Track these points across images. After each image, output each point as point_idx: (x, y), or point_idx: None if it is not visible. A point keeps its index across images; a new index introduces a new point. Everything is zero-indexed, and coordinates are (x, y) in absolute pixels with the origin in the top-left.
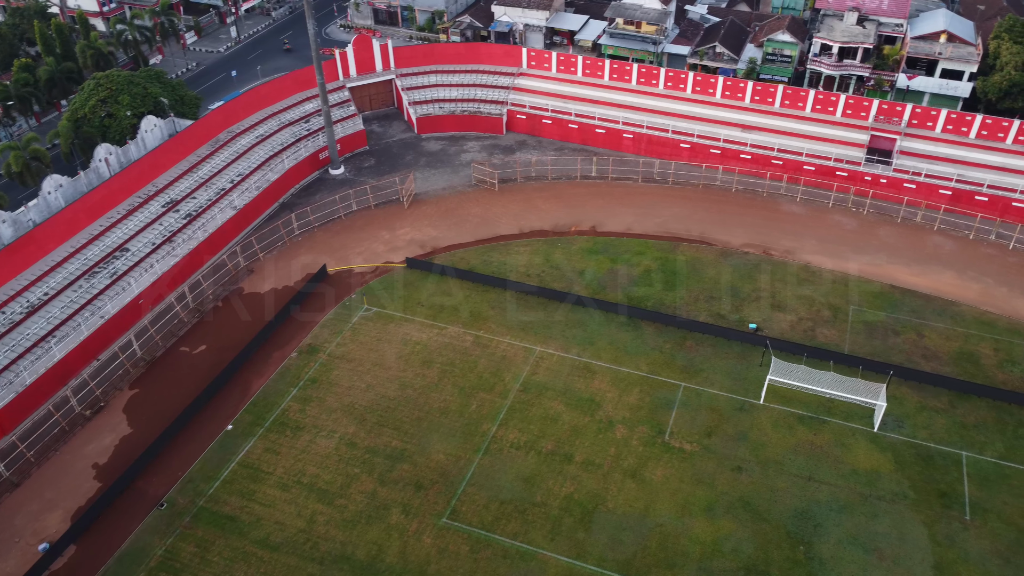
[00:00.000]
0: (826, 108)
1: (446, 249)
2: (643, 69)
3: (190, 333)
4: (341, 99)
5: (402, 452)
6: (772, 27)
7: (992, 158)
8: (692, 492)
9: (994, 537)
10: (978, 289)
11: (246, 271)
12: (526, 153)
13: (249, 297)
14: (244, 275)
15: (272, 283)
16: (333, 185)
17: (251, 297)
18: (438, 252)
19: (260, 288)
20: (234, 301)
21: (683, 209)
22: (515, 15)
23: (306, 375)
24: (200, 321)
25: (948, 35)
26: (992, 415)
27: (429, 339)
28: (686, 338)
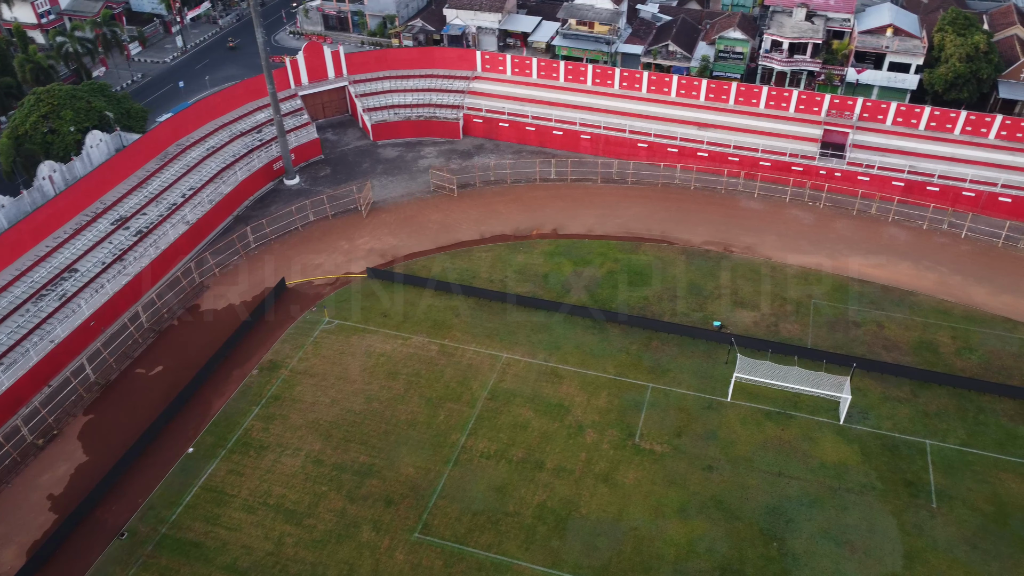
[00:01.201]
0: (779, 104)
1: (407, 257)
2: (598, 70)
3: (145, 354)
4: (293, 108)
5: (370, 467)
6: (723, 25)
7: (941, 149)
8: (664, 494)
9: (960, 524)
10: (933, 278)
11: (202, 287)
12: (484, 157)
13: (206, 314)
14: (200, 292)
15: (229, 299)
16: (288, 196)
17: (208, 314)
18: (399, 261)
19: (217, 304)
20: (190, 319)
21: (643, 209)
22: (467, 18)
23: (268, 392)
24: (155, 341)
25: (894, 29)
26: (953, 403)
27: (393, 350)
28: (652, 338)
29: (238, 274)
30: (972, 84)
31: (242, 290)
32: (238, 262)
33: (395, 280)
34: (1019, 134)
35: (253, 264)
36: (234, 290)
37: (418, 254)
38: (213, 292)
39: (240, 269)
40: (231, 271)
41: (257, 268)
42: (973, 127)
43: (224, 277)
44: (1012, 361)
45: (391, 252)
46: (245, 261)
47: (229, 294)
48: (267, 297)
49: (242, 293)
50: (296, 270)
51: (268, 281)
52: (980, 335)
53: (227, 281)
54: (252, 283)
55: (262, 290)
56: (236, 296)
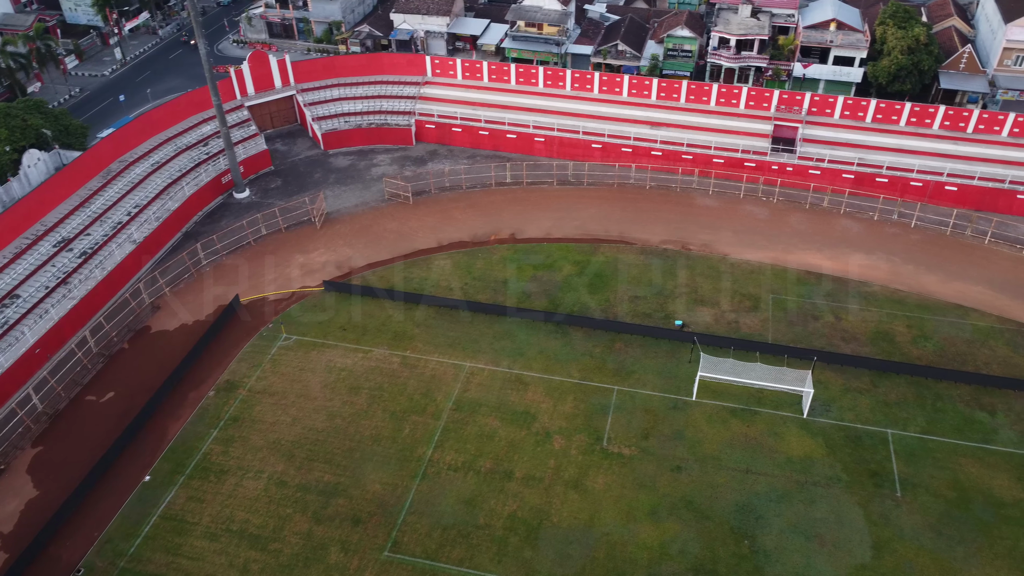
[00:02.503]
0: (730, 101)
1: (364, 268)
2: (549, 72)
3: (95, 380)
4: (240, 119)
5: (336, 486)
6: (671, 23)
7: (888, 140)
8: (635, 497)
9: (925, 511)
10: (887, 268)
11: (152, 308)
12: (438, 163)
13: (157, 336)
14: (150, 313)
15: (181, 319)
16: (239, 210)
17: (160, 336)
18: (356, 272)
19: (169, 325)
20: (141, 342)
21: (600, 210)
22: (415, 22)
23: (226, 414)
24: (105, 366)
25: (837, 23)
26: (912, 391)
27: (354, 364)
28: (615, 340)
29: (189, 293)
30: (914, 76)
31: (194, 309)
32: (189, 280)
33: (353, 292)
34: (961, 124)
35: (205, 282)
36: (186, 309)
37: (375, 264)
38: (164, 312)
39: (191, 287)
40: (182, 290)
41: (209, 286)
42: (918, 118)
43: (175, 296)
44: (965, 347)
45: (347, 264)
46: (196, 279)
47: (181, 314)
48: (221, 315)
49: (194, 312)
50: (250, 286)
51: (221, 299)
52: (934, 323)
53: (178, 300)
54: (205, 301)
55: (215, 308)
56: (188, 315)
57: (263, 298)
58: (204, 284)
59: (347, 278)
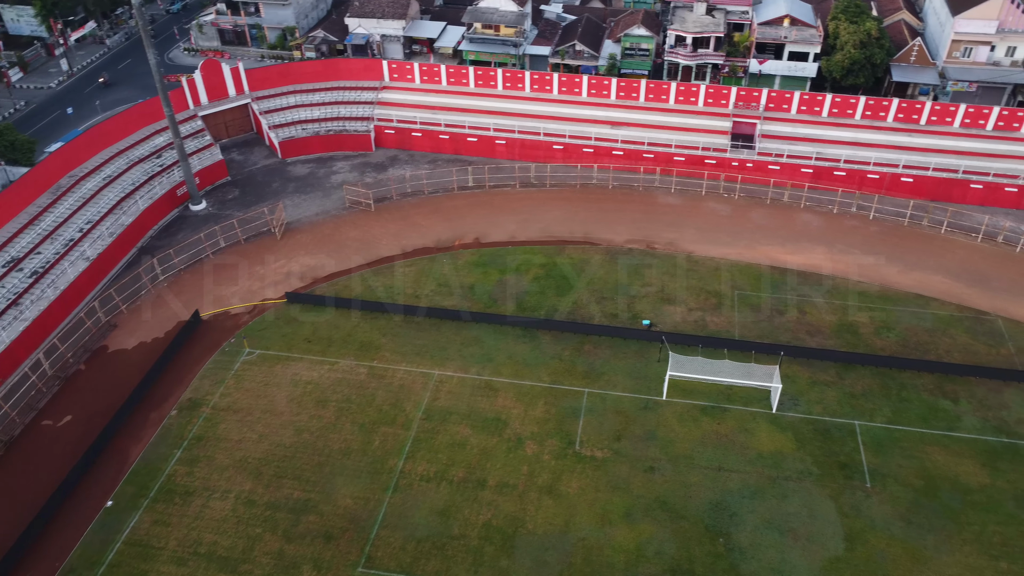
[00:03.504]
0: (688, 99)
1: (327, 278)
2: (508, 74)
3: (51, 404)
4: (194, 129)
5: (306, 503)
6: (627, 22)
7: (844, 134)
8: (609, 500)
9: (895, 501)
10: (848, 261)
11: (108, 327)
12: (399, 168)
13: (115, 355)
14: (106, 332)
15: (140, 336)
16: (196, 222)
17: (117, 355)
18: (319, 282)
19: (127, 344)
20: (98, 362)
21: (564, 211)
22: (371, 26)
23: (190, 433)
24: (61, 389)
25: (791, 19)
26: (877, 382)
27: (320, 377)
28: (584, 342)
29: (147, 310)
30: (867, 69)
31: (153, 326)
32: (146, 297)
33: (317, 303)
34: (915, 116)
35: (163, 298)
36: (144, 327)
37: (339, 274)
38: (121, 331)
39: (149, 304)
40: (139, 307)
41: (167, 302)
42: (872, 112)
43: (132, 314)
44: (927, 336)
45: (310, 274)
46: (154, 295)
47: (139, 332)
48: (181, 332)
49: (153, 330)
50: (210, 300)
51: (181, 314)
52: (896, 313)
53: (136, 318)
54: (163, 318)
55: (175, 324)
56: (147, 333)
57: (224, 312)
58: (162, 300)
59: (310, 288)
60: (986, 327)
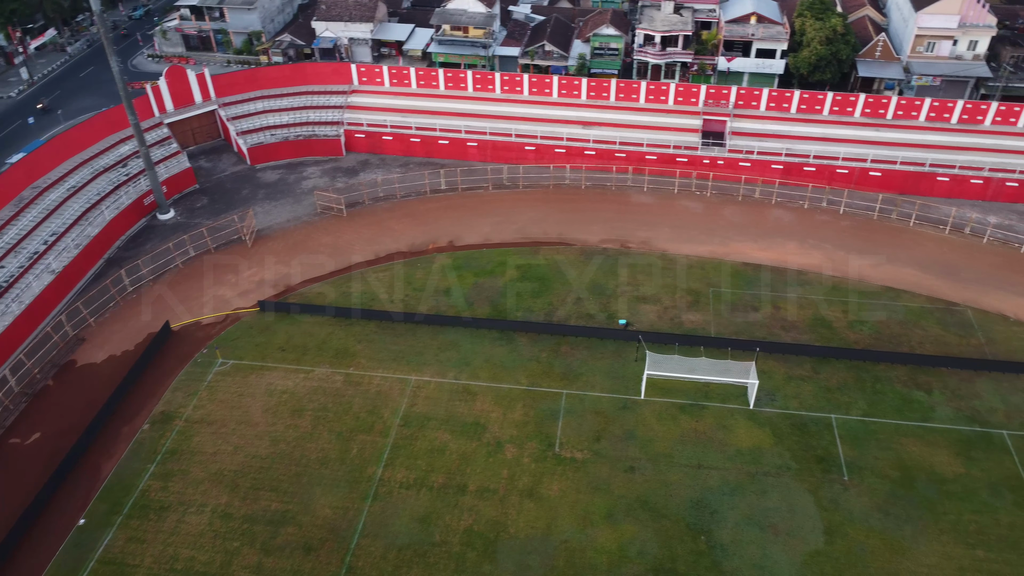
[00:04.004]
0: (659, 98)
1: (300, 286)
2: (478, 75)
3: (19, 421)
4: (160, 137)
5: (284, 514)
6: (596, 22)
7: (813, 130)
8: (590, 501)
9: (872, 493)
10: (820, 255)
11: (76, 341)
12: (370, 173)
13: (84, 370)
14: (75, 346)
15: (109, 350)
16: (164, 232)
17: (86, 369)
18: (292, 290)
19: (95, 357)
20: (67, 377)
21: (538, 212)
22: (338, 29)
23: (163, 447)
24: (29, 405)
25: (757, 16)
26: (851, 375)
27: (296, 385)
28: (560, 344)
29: (116, 322)
30: (833, 65)
31: (122, 339)
32: (115, 309)
33: (290, 311)
34: (881, 111)
35: (132, 309)
36: (113, 340)
37: (311, 281)
38: (90, 344)
39: (118, 316)
40: (108, 319)
41: (137, 313)
42: (840, 107)
43: (101, 327)
44: (899, 329)
45: (283, 281)
46: (123, 307)
47: (108, 345)
48: (151, 344)
49: (123, 342)
50: (181, 311)
51: (151, 326)
52: (868, 306)
53: (105, 331)
54: (133, 330)
55: (145, 336)
56: (116, 346)
57: (196, 323)
58: (131, 312)
59: (283, 296)
60: (956, 318)
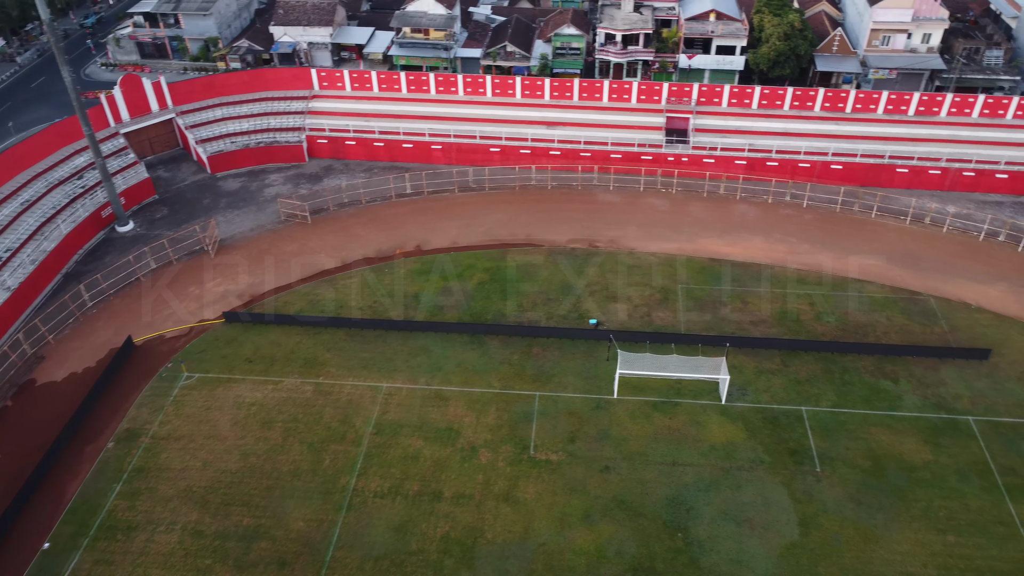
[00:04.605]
0: (622, 96)
1: (266, 295)
2: (440, 78)
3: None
4: (117, 147)
5: (257, 529)
6: (557, 22)
7: (774, 125)
8: (567, 503)
9: (844, 483)
10: (785, 249)
11: (35, 359)
12: (334, 179)
13: (44, 388)
14: (33, 364)
15: (70, 367)
16: (124, 244)
17: (47, 388)
18: (258, 300)
19: (56, 375)
20: (26, 396)
21: (505, 214)
22: (297, 34)
23: (129, 465)
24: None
25: (716, 14)
26: (820, 367)
27: (265, 397)
28: (532, 345)
29: (77, 338)
30: (792, 61)
31: (83, 356)
32: (75, 325)
33: (256, 321)
34: (840, 105)
35: (93, 325)
36: (74, 357)
37: (277, 290)
38: (50, 363)
39: (78, 333)
40: (68, 336)
41: (98, 329)
42: (800, 102)
43: (60, 344)
44: (865, 319)
45: (248, 292)
46: (83, 323)
47: (69, 362)
48: (114, 360)
49: (84, 359)
50: (143, 325)
51: (113, 341)
52: (834, 298)
53: (65, 348)
54: (94, 346)
55: (107, 352)
56: (77, 363)
57: (159, 336)
58: (92, 327)
59: (249, 307)
60: (919, 307)
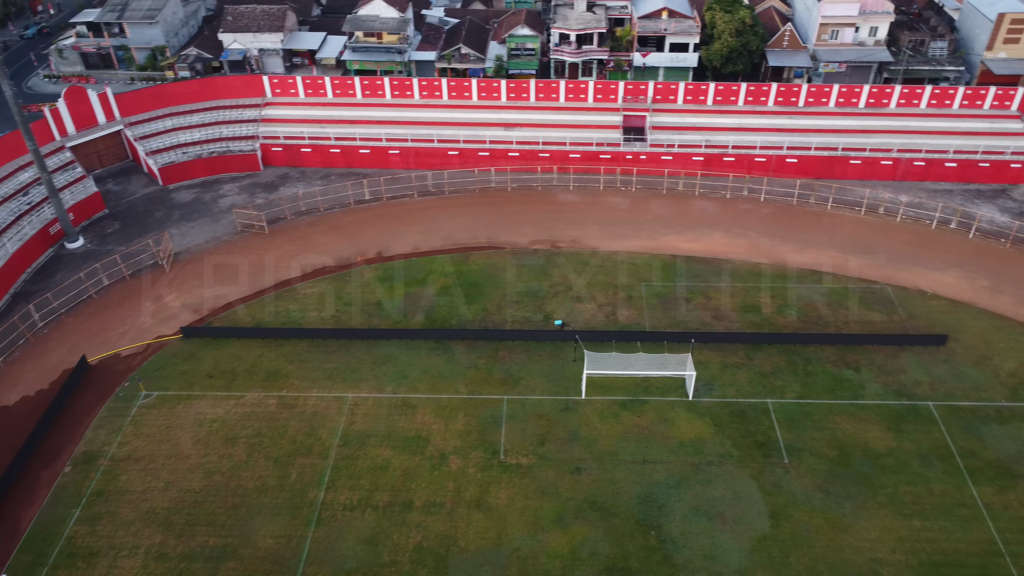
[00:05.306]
0: (578, 96)
1: (225, 308)
2: (395, 82)
3: None
4: (63, 161)
5: (224, 548)
6: (511, 23)
7: (730, 120)
8: (539, 506)
9: (812, 473)
10: (745, 244)
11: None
12: (291, 187)
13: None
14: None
15: (22, 390)
16: (74, 261)
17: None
18: (216, 313)
19: (7, 399)
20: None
21: (466, 217)
22: (247, 41)
23: (88, 489)
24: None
25: (668, 11)
26: (783, 359)
27: (227, 413)
28: (498, 349)
29: (28, 360)
30: (744, 56)
31: (36, 378)
32: (25, 347)
33: (215, 335)
34: (793, 99)
35: (44, 346)
36: (26, 379)
37: (237, 302)
38: (1, 386)
39: (29, 354)
40: (18, 359)
41: (50, 349)
42: (753, 97)
43: (10, 367)
44: (825, 310)
45: (206, 305)
46: (34, 344)
47: (20, 385)
48: (68, 380)
49: (36, 381)
50: (98, 344)
51: (66, 362)
52: (794, 291)
53: (15, 371)
54: (47, 368)
55: (60, 373)
56: (30, 386)
57: (114, 355)
58: (44, 348)
59: (207, 321)
60: (877, 296)
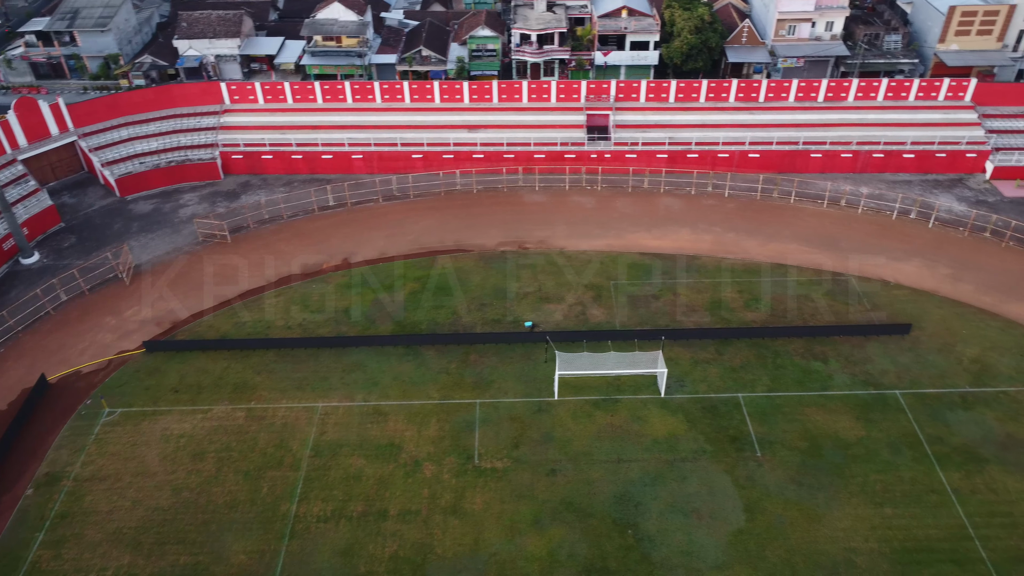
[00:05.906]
0: (541, 96)
1: (189, 320)
2: (356, 85)
3: None
4: (15, 175)
5: (195, 567)
6: (471, 24)
7: (692, 117)
8: (515, 510)
9: (784, 466)
10: (711, 239)
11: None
12: (252, 195)
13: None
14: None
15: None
16: (30, 277)
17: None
18: (180, 326)
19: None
20: None
21: (432, 220)
22: (203, 47)
23: (52, 511)
24: None
25: (628, 10)
26: (752, 353)
27: (194, 428)
28: (469, 352)
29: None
30: (704, 53)
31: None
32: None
33: (180, 348)
34: (753, 95)
35: (1, 365)
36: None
37: (201, 314)
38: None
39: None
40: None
41: (7, 369)
42: (715, 94)
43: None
44: (791, 303)
45: (168, 318)
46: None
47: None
48: (27, 400)
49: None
50: (57, 361)
51: (24, 381)
52: (761, 285)
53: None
54: (4, 388)
55: (19, 393)
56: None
57: (75, 372)
58: (1, 368)
59: (171, 334)
60: (841, 287)
